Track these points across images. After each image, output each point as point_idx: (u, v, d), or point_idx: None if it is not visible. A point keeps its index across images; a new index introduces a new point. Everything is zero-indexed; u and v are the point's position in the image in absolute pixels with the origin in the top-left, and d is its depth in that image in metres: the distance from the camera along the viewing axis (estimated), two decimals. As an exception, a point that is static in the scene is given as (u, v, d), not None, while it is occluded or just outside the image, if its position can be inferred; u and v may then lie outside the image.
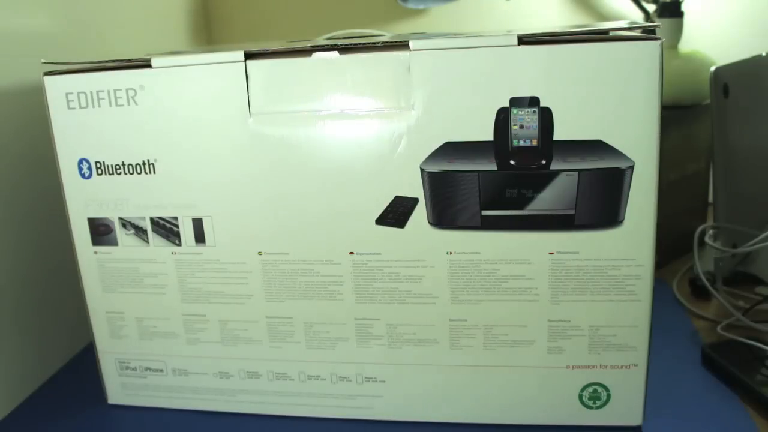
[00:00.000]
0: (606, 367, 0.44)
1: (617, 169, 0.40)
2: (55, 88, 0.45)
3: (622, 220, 0.41)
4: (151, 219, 0.46)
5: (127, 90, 0.44)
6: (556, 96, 0.39)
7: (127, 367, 0.50)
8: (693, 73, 0.69)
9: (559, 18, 0.91)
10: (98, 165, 0.46)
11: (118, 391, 0.51)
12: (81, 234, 0.48)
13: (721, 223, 0.62)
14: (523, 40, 0.39)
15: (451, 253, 0.43)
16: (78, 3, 0.62)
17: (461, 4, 0.91)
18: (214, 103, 0.43)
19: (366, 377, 0.47)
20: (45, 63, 0.45)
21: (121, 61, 0.44)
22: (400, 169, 0.42)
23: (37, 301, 0.55)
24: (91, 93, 0.44)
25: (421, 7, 0.90)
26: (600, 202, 0.41)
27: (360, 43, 0.41)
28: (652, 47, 0.38)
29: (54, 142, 0.46)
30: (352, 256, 0.44)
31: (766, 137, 0.57)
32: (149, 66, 0.43)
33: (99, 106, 0.44)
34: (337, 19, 0.94)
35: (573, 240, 0.42)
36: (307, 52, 0.42)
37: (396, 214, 0.43)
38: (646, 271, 0.42)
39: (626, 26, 0.42)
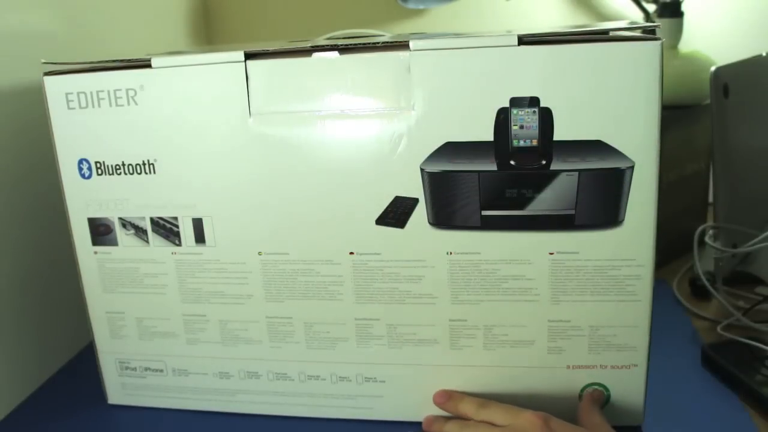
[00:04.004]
0: (606, 367, 0.44)
1: (617, 169, 0.40)
2: (55, 88, 0.45)
3: (622, 221, 0.41)
4: (151, 219, 0.46)
5: (127, 90, 0.44)
6: (556, 96, 0.39)
7: (127, 367, 0.50)
8: (693, 73, 0.69)
9: (559, 18, 0.91)
10: (98, 165, 0.46)
11: (118, 391, 0.51)
12: (81, 234, 0.47)
13: (721, 223, 0.62)
14: (523, 40, 0.39)
15: (451, 253, 0.43)
16: (78, 3, 0.62)
17: (461, 4, 0.91)
18: (214, 103, 0.43)
19: (366, 377, 0.47)
20: (45, 63, 0.45)
21: (121, 61, 0.44)
22: (400, 170, 0.42)
23: (37, 301, 0.55)
24: (91, 93, 0.44)
25: (421, 7, 0.90)
26: (600, 202, 0.41)
27: (360, 43, 0.41)
28: (652, 47, 0.38)
29: (54, 142, 0.46)
30: (352, 256, 0.44)
31: (766, 137, 0.57)
32: (149, 66, 0.43)
33: (99, 106, 0.44)
34: (337, 19, 0.94)
35: (573, 240, 0.42)
36: (307, 52, 0.42)
37: (396, 214, 0.43)
38: (646, 271, 0.42)
39: (626, 26, 0.42)
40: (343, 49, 0.41)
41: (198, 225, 0.45)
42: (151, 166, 0.45)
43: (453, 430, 0.43)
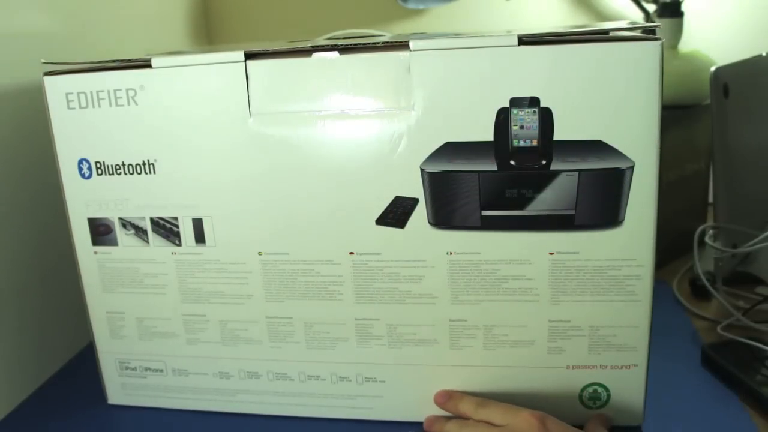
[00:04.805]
0: (606, 367, 0.44)
1: (617, 169, 0.40)
2: (55, 88, 0.45)
3: (622, 221, 0.41)
4: (151, 219, 0.46)
5: (127, 90, 0.44)
6: (556, 96, 0.39)
7: (127, 367, 0.50)
8: (693, 73, 0.69)
9: (559, 18, 0.91)
10: (98, 165, 0.46)
11: (118, 391, 0.51)
12: (81, 234, 0.47)
13: (721, 223, 0.62)
14: (524, 40, 0.39)
15: (451, 253, 0.43)
16: (78, 3, 0.62)
17: (461, 4, 0.91)
18: (214, 103, 0.43)
19: (366, 377, 0.47)
20: (45, 63, 0.45)
21: (121, 61, 0.44)
22: (400, 170, 0.42)
23: (37, 301, 0.55)
24: (91, 93, 0.44)
25: (421, 7, 0.90)
26: (600, 202, 0.41)
27: (360, 43, 0.41)
28: (652, 47, 0.38)
29: (54, 142, 0.46)
30: (352, 256, 0.44)
31: (766, 137, 0.57)
32: (149, 66, 0.43)
33: (99, 106, 0.44)
34: (337, 19, 0.94)
35: (573, 240, 0.42)
36: (307, 52, 0.42)
37: (396, 214, 0.43)
38: (646, 272, 0.42)
39: (626, 26, 0.42)
40: (343, 49, 0.41)
41: (198, 225, 0.45)
42: (151, 166, 0.45)
43: (452, 430, 0.43)
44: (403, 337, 0.45)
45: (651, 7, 0.77)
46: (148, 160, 0.45)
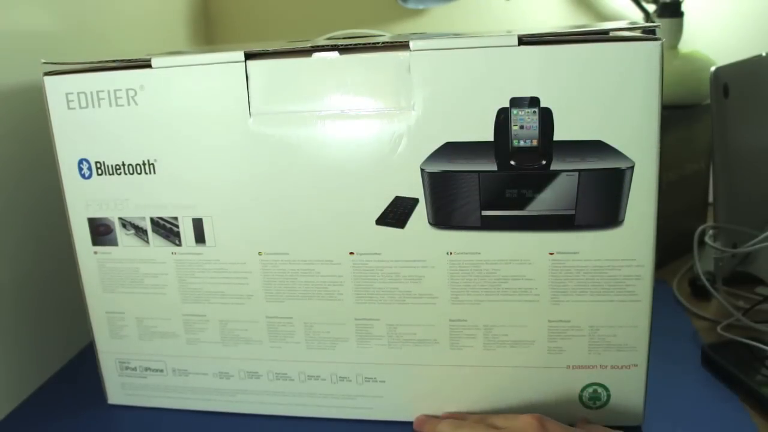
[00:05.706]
0: (606, 367, 0.44)
1: (617, 169, 0.40)
2: (55, 88, 0.45)
3: (622, 221, 0.41)
4: (151, 219, 0.46)
5: (127, 90, 0.44)
6: (556, 96, 0.39)
7: (127, 367, 0.50)
8: (693, 73, 0.69)
9: (559, 18, 0.91)
10: (98, 165, 0.46)
11: (118, 391, 0.51)
12: (81, 234, 0.47)
13: (721, 223, 0.62)
14: (523, 40, 0.39)
15: (451, 253, 0.43)
16: (78, 3, 0.62)
17: (461, 4, 0.91)
18: (214, 103, 0.43)
19: (366, 377, 0.47)
20: (45, 63, 0.45)
21: (121, 61, 0.44)
22: (400, 170, 0.42)
23: (37, 301, 0.55)
24: (91, 93, 0.44)
25: (421, 7, 0.90)
26: (600, 202, 0.41)
27: (360, 44, 0.41)
28: (652, 48, 0.38)
29: (54, 142, 0.46)
30: (352, 256, 0.44)
31: (766, 137, 0.57)
32: (149, 66, 0.43)
33: (99, 106, 0.44)
34: (337, 19, 0.94)
35: (573, 240, 0.42)
36: (307, 52, 0.42)
37: (396, 214, 0.43)
38: (646, 272, 0.42)
39: (626, 26, 0.42)
40: (343, 49, 0.41)
41: (198, 225, 0.45)
42: (151, 166, 0.45)
43: (446, 431, 0.43)
44: (403, 337, 0.45)
45: (651, 7, 0.77)
46: (148, 160, 0.45)
